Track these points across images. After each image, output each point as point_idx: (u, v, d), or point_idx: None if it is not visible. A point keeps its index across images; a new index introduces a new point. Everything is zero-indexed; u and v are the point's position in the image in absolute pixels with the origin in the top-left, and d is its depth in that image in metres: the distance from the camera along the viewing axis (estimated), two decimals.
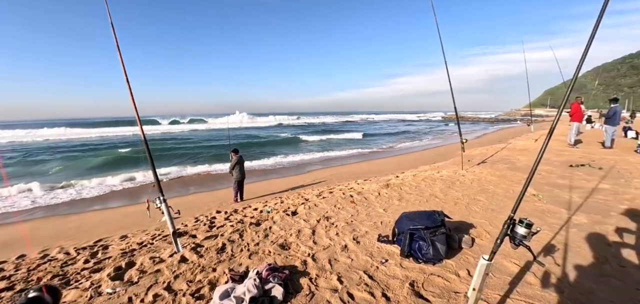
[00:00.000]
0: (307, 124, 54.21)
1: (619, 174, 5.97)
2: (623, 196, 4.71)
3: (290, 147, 21.60)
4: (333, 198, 4.89)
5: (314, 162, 15.33)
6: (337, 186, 6.86)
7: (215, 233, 4.06)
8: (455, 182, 5.55)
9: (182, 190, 10.19)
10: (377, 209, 4.23)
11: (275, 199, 6.46)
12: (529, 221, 1.38)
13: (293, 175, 12.13)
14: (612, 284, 2.36)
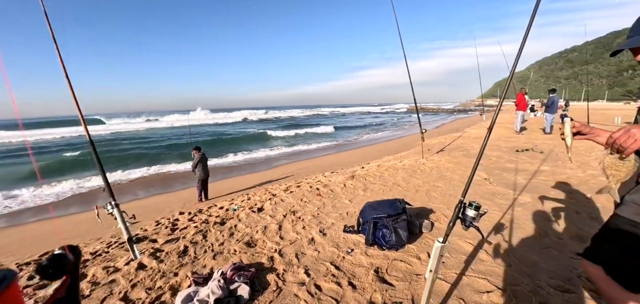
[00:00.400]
0: (275, 119, 53.55)
1: (557, 156, 6.66)
2: (560, 176, 5.27)
3: (257, 143, 21.19)
4: (300, 192, 4.89)
5: (282, 157, 15.21)
6: (305, 180, 6.87)
7: (177, 236, 3.87)
8: (416, 170, 5.82)
9: (142, 192, 9.57)
10: (343, 200, 4.31)
11: (242, 197, 6.31)
12: (477, 203, 1.49)
13: (260, 171, 11.94)
14: (552, 255, 2.64)
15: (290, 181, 7.31)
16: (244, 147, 19.32)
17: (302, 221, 3.73)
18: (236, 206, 5.19)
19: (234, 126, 38.98)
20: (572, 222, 3.34)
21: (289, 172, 10.60)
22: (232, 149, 18.36)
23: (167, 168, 13.22)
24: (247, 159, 15.10)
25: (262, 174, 10.93)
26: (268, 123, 43.59)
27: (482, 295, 2.18)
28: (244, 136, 26.43)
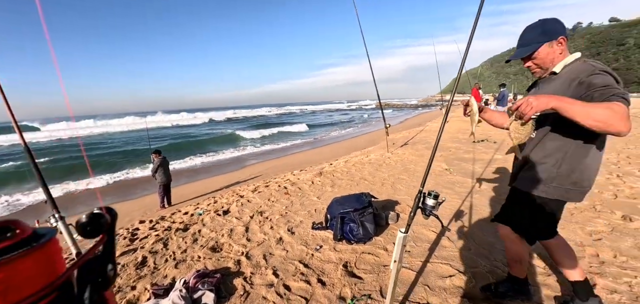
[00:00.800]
0: (243, 118, 52.17)
1: (508, 146, 7.21)
2: (511, 163, 5.70)
3: (225, 144, 20.44)
4: (267, 192, 4.79)
5: (251, 157, 14.86)
6: (274, 179, 6.75)
7: (135, 246, 3.59)
8: (382, 164, 5.98)
9: (97, 202, 8.79)
10: (311, 197, 4.29)
11: (209, 200, 6.04)
12: (436, 192, 1.54)
13: (228, 172, 11.55)
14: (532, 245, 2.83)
15: (258, 181, 7.14)
16: (211, 148, 18.57)
17: (270, 221, 3.65)
18: (201, 210, 4.95)
19: (199, 128, 37.33)
20: None
21: (257, 172, 10.38)
22: (198, 151, 17.55)
23: (125, 174, 12.31)
24: (214, 161, 14.54)
25: (230, 176, 10.58)
26: (236, 123, 42.37)
27: (445, 280, 2.28)
28: (211, 137, 25.42)
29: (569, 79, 1.41)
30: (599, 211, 3.38)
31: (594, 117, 1.19)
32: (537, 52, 1.49)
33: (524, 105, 1.26)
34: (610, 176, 4.65)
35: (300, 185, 4.98)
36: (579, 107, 1.22)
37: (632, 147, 7.05)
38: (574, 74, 1.41)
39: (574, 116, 1.22)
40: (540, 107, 1.24)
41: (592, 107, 1.21)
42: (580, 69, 1.41)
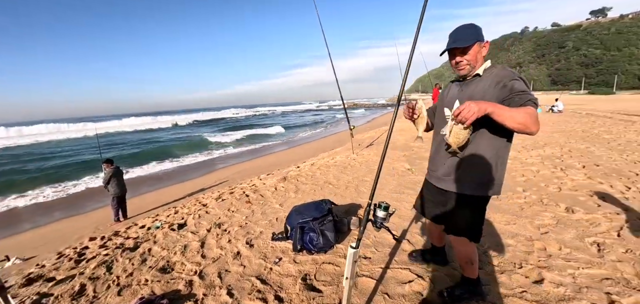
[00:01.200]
0: (210, 120, 50.18)
1: None
2: None
3: (190, 148, 19.44)
4: (228, 202, 4.54)
5: (218, 161, 14.28)
6: (240, 185, 6.48)
7: (74, 273, 3.20)
8: (347, 166, 5.97)
9: (43, 218, 7.85)
10: (273, 205, 4.12)
11: (169, 211, 5.63)
12: (386, 204, 1.48)
13: (193, 178, 10.98)
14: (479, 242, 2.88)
15: (224, 187, 6.81)
16: (175, 153, 17.54)
17: (229, 233, 3.43)
18: (159, 222, 4.58)
19: (164, 132, 35.26)
20: None
21: (224, 177, 9.96)
22: (161, 157, 16.50)
23: (75, 186, 11.22)
24: (178, 167, 13.75)
25: (195, 182, 10.05)
26: (203, 126, 40.66)
27: (404, 286, 2.24)
28: (176, 141, 24.11)
29: (494, 81, 1.54)
30: (546, 204, 3.59)
31: (518, 121, 1.37)
32: (472, 48, 1.58)
33: (466, 111, 1.33)
34: (555, 170, 5.01)
35: (263, 192, 4.79)
36: (507, 112, 1.37)
37: (573, 141, 7.72)
38: (498, 77, 1.54)
39: (504, 120, 1.37)
40: (480, 113, 1.34)
41: (516, 112, 1.38)
42: (502, 73, 1.55)
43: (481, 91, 1.57)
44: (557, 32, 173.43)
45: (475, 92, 1.60)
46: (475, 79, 1.64)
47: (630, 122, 11.71)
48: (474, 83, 1.63)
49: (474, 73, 1.64)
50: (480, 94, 1.57)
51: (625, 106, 22.22)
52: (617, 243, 2.68)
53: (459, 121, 1.35)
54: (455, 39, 1.59)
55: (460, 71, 1.65)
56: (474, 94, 1.60)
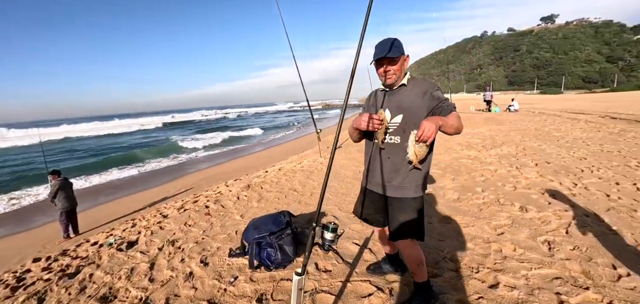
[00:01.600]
0: (177, 123, 47.86)
1: None
2: (432, 161, 6.08)
3: (156, 153, 18.31)
4: (185, 215, 4.23)
5: (185, 166, 13.57)
6: (205, 192, 6.13)
7: None
8: (314, 171, 5.86)
9: None
10: (234, 216, 3.90)
11: (127, 223, 5.16)
12: (334, 224, 1.37)
13: (157, 186, 10.31)
14: (424, 242, 2.86)
15: (189, 195, 6.41)
16: (139, 159, 16.44)
17: (182, 251, 3.16)
18: (114, 238, 4.16)
19: (128, 136, 33.01)
20: (440, 204, 3.79)
21: (190, 184, 9.44)
22: (122, 163, 15.37)
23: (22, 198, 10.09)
24: (142, 174, 12.88)
25: (159, 190, 9.42)
26: (170, 129, 38.68)
27: (363, 300, 2.16)
28: (140, 146, 22.66)
29: (421, 91, 1.70)
30: (502, 204, 3.71)
31: (455, 127, 1.57)
32: (399, 60, 1.70)
33: (427, 131, 1.41)
34: (510, 169, 5.25)
35: (224, 202, 4.53)
36: (449, 121, 1.54)
37: (527, 139, 8.21)
38: (423, 88, 1.71)
39: (447, 130, 1.55)
40: (436, 130, 1.44)
41: (452, 119, 1.56)
42: (425, 84, 1.73)
43: (408, 99, 1.72)
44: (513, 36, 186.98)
45: (403, 100, 1.73)
46: (402, 88, 1.76)
47: (576, 120, 12.77)
48: (400, 92, 1.76)
49: (400, 83, 1.76)
50: (407, 102, 1.71)
51: (572, 105, 24.30)
52: (566, 240, 2.80)
53: (423, 140, 1.42)
54: (384, 50, 1.66)
55: (387, 80, 1.73)
56: (401, 102, 1.74)
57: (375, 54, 1.70)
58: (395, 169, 1.76)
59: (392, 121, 1.75)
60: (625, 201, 3.64)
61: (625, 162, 5.44)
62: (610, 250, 2.62)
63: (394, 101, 1.76)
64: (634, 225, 3.05)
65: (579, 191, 4.03)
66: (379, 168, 1.83)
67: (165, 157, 16.50)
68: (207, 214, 4.06)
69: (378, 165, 1.83)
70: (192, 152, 18.11)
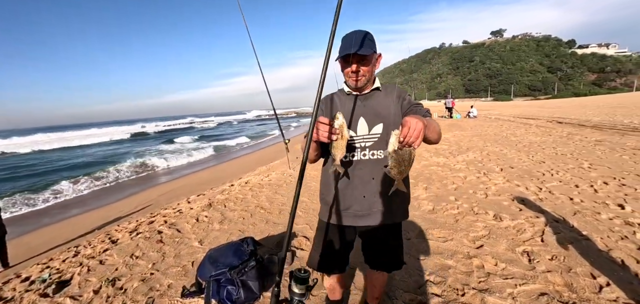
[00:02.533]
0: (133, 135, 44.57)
1: None
2: None
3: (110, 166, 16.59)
4: (132, 245, 3.63)
5: (143, 181, 12.39)
6: (164, 210, 5.47)
7: None
8: (282, 185, 5.49)
9: None
10: (191, 243, 3.41)
11: (69, 252, 4.35)
12: (304, 273, 1.05)
13: (112, 202, 9.22)
14: None
15: (145, 215, 5.67)
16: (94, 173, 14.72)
17: (124, 293, 2.63)
18: (49, 272, 3.43)
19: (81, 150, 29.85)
20: (416, 217, 3.63)
21: (149, 201, 8.53)
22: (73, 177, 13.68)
23: None
24: (94, 190, 11.49)
25: (111, 208, 8.38)
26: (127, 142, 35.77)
27: None
28: (94, 158, 20.50)
29: (396, 96, 1.43)
30: (477, 213, 3.64)
31: (438, 132, 1.30)
32: (372, 58, 1.39)
33: (412, 130, 1.02)
34: (479, 175, 5.30)
35: (180, 225, 4.00)
36: (431, 124, 1.25)
37: (489, 145, 8.53)
38: (396, 92, 1.45)
39: (431, 134, 1.23)
40: (424, 131, 1.08)
41: (434, 123, 1.27)
42: (397, 89, 1.46)
43: (386, 105, 1.42)
44: (467, 48, 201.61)
45: (380, 107, 1.43)
46: (375, 93, 1.46)
47: (528, 125, 13.71)
48: (374, 97, 1.45)
49: (373, 86, 1.46)
50: (386, 109, 1.42)
51: (522, 111, 26.39)
52: (544, 249, 2.73)
53: (408, 142, 1.04)
54: (356, 43, 1.31)
55: (357, 82, 1.39)
56: (378, 108, 1.42)
57: (342, 48, 1.35)
58: (380, 190, 1.42)
59: (371, 132, 1.40)
60: (587, 204, 3.74)
61: (578, 164, 5.75)
62: (586, 258, 2.58)
63: (369, 107, 1.42)
64: (601, 228, 3.09)
65: (545, 195, 4.10)
66: (356, 193, 1.43)
67: (119, 172, 15.05)
68: (159, 242, 3.51)
69: (355, 189, 1.43)
70: (151, 163, 16.75)
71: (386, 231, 1.50)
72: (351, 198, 1.44)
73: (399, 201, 1.46)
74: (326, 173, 1.53)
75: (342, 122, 1.18)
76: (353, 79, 1.39)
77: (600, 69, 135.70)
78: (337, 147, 1.22)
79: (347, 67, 1.37)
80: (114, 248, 3.76)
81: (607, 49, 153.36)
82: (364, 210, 1.44)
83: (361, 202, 1.43)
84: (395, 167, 1.13)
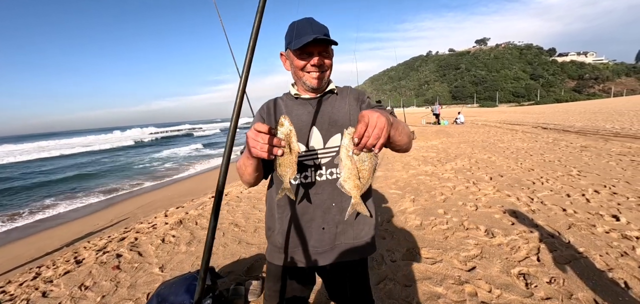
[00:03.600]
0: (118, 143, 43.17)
1: (387, 160, 7.51)
2: (390, 179, 5.74)
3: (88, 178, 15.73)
4: (83, 271, 3.20)
5: (123, 189, 11.73)
6: (137, 225, 5.00)
7: None
8: (261, 198, 5.13)
9: None
10: (151, 269, 3.01)
11: (30, 273, 3.84)
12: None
13: (83, 216, 8.56)
14: (389, 290, 2.34)
15: (119, 230, 5.18)
16: (65, 183, 13.90)
17: None
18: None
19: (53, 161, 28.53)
20: (402, 234, 3.34)
21: (125, 213, 7.95)
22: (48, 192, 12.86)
23: None
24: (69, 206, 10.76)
25: (83, 222, 7.75)
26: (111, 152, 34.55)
27: None
28: (69, 168, 19.51)
29: (354, 99, 1.16)
30: (467, 228, 3.38)
31: (407, 134, 1.01)
32: (332, 53, 1.13)
33: (373, 128, 0.74)
34: (468, 184, 5.08)
35: (143, 247, 3.58)
36: (399, 124, 0.95)
37: (477, 151, 8.40)
38: (354, 94, 1.18)
39: (398, 137, 0.94)
40: (388, 129, 0.79)
41: (402, 124, 0.99)
42: (354, 90, 1.20)
43: (343, 111, 1.13)
44: (453, 56, 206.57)
45: (337, 112, 1.13)
46: (330, 96, 1.17)
47: (515, 130, 13.79)
48: (329, 101, 1.15)
49: (329, 87, 1.16)
50: (344, 115, 1.12)
51: (507, 117, 26.82)
52: (540, 271, 2.48)
53: (366, 144, 0.74)
54: (318, 29, 1.05)
55: (315, 81, 1.08)
56: (334, 114, 1.13)
57: (297, 36, 1.04)
58: (344, 219, 1.06)
59: (327, 146, 1.09)
60: (581, 215, 3.55)
61: (567, 171, 5.62)
62: (587, 280, 2.34)
63: (323, 114, 1.12)
64: (598, 244, 2.88)
65: (537, 207, 3.90)
66: (313, 225, 1.11)
67: (100, 183, 14.29)
68: (116, 268, 3.10)
69: (312, 219, 1.11)
70: (133, 172, 16.02)
71: (353, 270, 1.20)
72: (307, 231, 1.12)
73: (366, 229, 1.16)
74: (272, 200, 1.19)
75: (289, 130, 0.85)
76: (315, 76, 1.07)
77: (579, 76, 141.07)
78: (283, 164, 0.89)
79: (306, 60, 1.06)
80: (83, 265, 3.34)
81: (585, 57, 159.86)
82: (325, 245, 1.11)
83: (320, 235, 1.11)
84: (350, 180, 0.82)
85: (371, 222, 1.17)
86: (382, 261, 2.75)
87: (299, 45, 1.02)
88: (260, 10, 0.79)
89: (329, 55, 1.10)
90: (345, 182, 0.83)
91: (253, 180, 1.06)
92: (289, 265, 1.15)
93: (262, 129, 0.82)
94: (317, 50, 1.05)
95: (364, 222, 1.16)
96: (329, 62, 1.10)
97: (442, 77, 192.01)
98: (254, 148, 0.84)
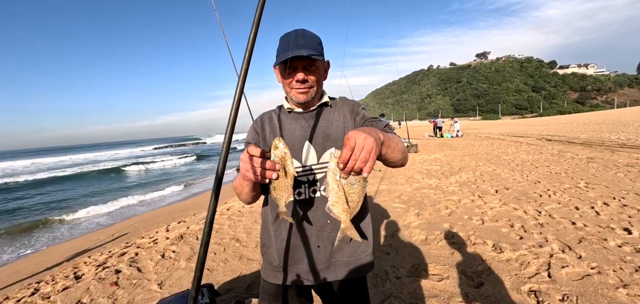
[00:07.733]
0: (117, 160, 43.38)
1: (391, 174, 7.44)
2: (394, 193, 5.66)
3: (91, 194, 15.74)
4: (83, 286, 3.14)
5: (122, 209, 11.67)
6: (138, 240, 4.94)
7: None
8: None
9: None
10: (150, 286, 2.94)
11: (28, 288, 3.76)
12: None
13: (86, 233, 8.50)
14: None
15: (120, 245, 5.10)
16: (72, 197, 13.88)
17: None
18: None
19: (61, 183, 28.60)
20: (407, 249, 3.25)
21: (126, 229, 7.88)
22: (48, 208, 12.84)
23: None
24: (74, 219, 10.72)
25: (84, 239, 7.69)
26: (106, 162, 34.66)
27: None
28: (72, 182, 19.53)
29: (349, 111, 1.13)
30: (474, 243, 3.28)
31: (401, 151, 0.95)
32: (320, 65, 1.08)
33: (359, 150, 0.69)
34: (474, 198, 4.98)
35: (142, 263, 3.52)
36: (393, 140, 0.91)
37: (482, 164, 8.30)
38: (348, 106, 1.15)
39: (391, 153, 0.89)
40: (378, 148, 0.73)
41: (395, 139, 0.94)
42: (349, 101, 1.17)
43: (337, 123, 1.10)
44: (454, 69, 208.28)
45: (330, 126, 1.10)
46: (324, 109, 1.14)
47: (519, 143, 13.68)
48: (323, 114, 1.12)
49: (322, 101, 1.13)
50: (338, 128, 1.09)
51: (510, 129, 26.71)
52: (552, 288, 2.38)
53: (353, 168, 0.69)
54: (300, 44, 1.01)
55: (301, 96, 1.05)
56: (328, 128, 1.09)
57: (281, 50, 1.03)
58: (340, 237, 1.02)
59: (321, 161, 1.06)
60: (591, 229, 3.44)
61: (574, 183, 5.52)
62: (600, 298, 2.23)
63: (317, 128, 1.09)
64: (611, 259, 2.77)
65: (545, 220, 3.80)
66: (308, 243, 1.08)
67: (101, 196, 14.28)
68: (113, 284, 3.03)
69: (306, 237, 1.08)
70: (136, 189, 16.01)
71: (351, 288, 1.13)
72: (302, 249, 1.08)
73: (363, 247, 1.12)
74: (267, 216, 1.15)
75: (284, 153, 0.81)
76: (300, 91, 1.05)
77: (581, 88, 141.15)
78: (278, 188, 0.84)
79: (291, 76, 1.04)
80: (82, 281, 3.27)
81: (586, 68, 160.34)
82: (320, 263, 1.07)
83: (316, 253, 1.07)
84: (338, 204, 0.78)
85: (369, 240, 1.14)
86: (387, 277, 2.66)
87: (279, 62, 1.02)
88: (256, 22, 0.77)
89: (315, 70, 1.06)
90: (333, 207, 0.79)
91: (251, 199, 1.03)
92: (284, 284, 1.10)
93: (255, 152, 0.78)
94: (301, 66, 1.03)
95: (360, 240, 1.11)
96: (314, 78, 1.06)
97: (444, 91, 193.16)
98: (247, 172, 0.80)
